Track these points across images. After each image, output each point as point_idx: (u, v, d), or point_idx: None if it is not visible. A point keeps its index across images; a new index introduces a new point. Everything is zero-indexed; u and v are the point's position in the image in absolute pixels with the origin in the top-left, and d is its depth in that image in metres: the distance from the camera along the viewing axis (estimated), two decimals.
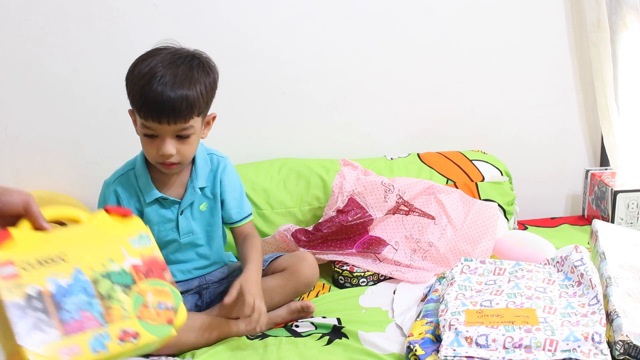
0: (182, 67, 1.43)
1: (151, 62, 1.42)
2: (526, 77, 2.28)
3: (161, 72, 1.40)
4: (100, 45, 1.97)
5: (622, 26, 2.17)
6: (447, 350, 1.31)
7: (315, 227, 1.85)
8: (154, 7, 1.98)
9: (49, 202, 1.94)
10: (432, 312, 1.50)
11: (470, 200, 1.94)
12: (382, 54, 2.16)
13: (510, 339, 1.30)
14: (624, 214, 2.14)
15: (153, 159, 1.48)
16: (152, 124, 1.42)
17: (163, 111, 1.40)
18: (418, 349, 1.35)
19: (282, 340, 1.49)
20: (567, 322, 1.36)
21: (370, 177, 1.93)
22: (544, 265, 1.64)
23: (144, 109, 1.41)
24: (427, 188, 1.95)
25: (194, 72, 1.45)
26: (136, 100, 1.42)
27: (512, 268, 1.61)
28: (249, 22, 2.04)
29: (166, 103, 1.39)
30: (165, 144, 1.44)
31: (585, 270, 1.51)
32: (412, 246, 1.86)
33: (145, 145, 1.47)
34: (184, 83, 1.42)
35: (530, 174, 2.34)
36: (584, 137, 2.38)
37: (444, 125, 2.27)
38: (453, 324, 1.36)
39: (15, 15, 1.91)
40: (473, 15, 2.19)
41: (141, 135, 1.47)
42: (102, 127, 2.04)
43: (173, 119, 1.41)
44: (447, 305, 1.46)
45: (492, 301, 1.46)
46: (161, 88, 1.39)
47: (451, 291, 1.53)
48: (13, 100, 1.98)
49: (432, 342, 1.37)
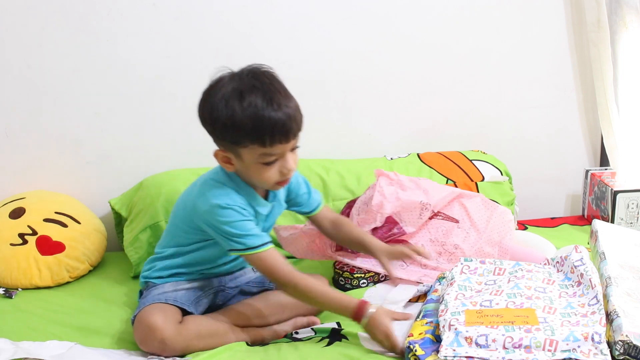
0: (272, 84, 1.41)
1: (242, 90, 1.38)
2: (526, 77, 2.28)
3: (266, 95, 1.37)
4: (100, 46, 1.97)
5: (622, 26, 2.17)
6: (447, 350, 1.31)
7: None
8: (154, 7, 1.98)
9: (48, 202, 1.94)
10: (431, 313, 1.50)
11: (492, 205, 1.94)
12: (382, 54, 2.16)
13: (510, 339, 1.30)
14: (624, 214, 2.14)
15: (273, 181, 1.45)
16: (277, 149, 1.40)
17: (290, 129, 1.39)
18: (418, 349, 1.35)
19: (282, 345, 1.49)
20: (567, 322, 1.36)
21: (408, 193, 1.90)
22: (544, 265, 1.63)
23: (271, 136, 1.37)
24: (456, 197, 1.95)
25: (281, 82, 1.44)
26: (258, 133, 1.37)
27: (512, 268, 1.60)
28: (249, 23, 2.04)
29: (291, 120, 1.39)
30: (288, 161, 1.43)
31: (585, 270, 1.51)
32: (438, 249, 1.84)
33: (264, 173, 1.43)
34: (287, 95, 1.42)
35: (530, 174, 2.34)
36: (583, 137, 2.38)
37: (443, 125, 2.27)
38: (453, 324, 1.36)
39: (15, 16, 1.91)
40: (473, 15, 2.19)
41: (257, 166, 1.42)
42: (102, 127, 2.04)
43: (298, 131, 1.42)
44: (447, 306, 1.45)
45: (492, 301, 1.46)
46: (280, 108, 1.37)
47: (451, 291, 1.53)
48: (13, 100, 1.98)
49: (431, 342, 1.37)
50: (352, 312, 1.43)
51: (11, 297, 1.74)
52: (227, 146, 1.43)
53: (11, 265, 1.78)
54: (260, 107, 1.36)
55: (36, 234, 1.83)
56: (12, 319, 1.62)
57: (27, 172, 2.03)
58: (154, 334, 1.42)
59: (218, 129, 1.42)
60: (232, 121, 1.37)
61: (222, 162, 1.47)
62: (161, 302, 1.49)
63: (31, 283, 1.79)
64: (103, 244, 1.95)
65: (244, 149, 1.40)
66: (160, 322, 1.43)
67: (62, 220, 1.88)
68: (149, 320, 1.44)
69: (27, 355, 1.38)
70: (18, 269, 1.78)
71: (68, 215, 1.90)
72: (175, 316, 1.48)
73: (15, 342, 1.46)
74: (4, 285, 1.79)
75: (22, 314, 1.66)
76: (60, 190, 2.04)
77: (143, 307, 1.49)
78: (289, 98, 1.42)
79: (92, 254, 1.89)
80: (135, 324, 1.48)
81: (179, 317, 1.48)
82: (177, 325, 1.45)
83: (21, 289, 1.79)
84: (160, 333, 1.42)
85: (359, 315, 1.42)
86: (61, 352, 1.42)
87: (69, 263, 1.83)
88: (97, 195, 2.06)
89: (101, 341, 1.53)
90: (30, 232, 1.83)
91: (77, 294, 1.78)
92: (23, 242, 1.81)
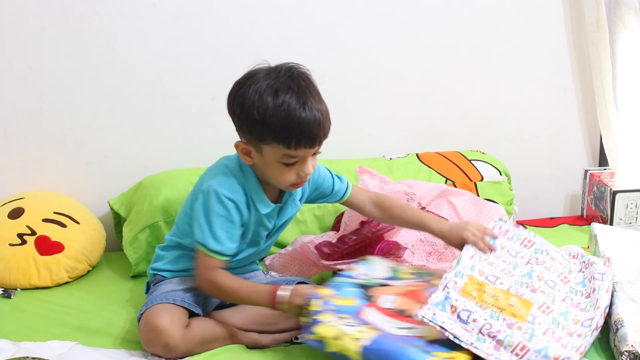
0: (307, 88, 1.40)
1: (278, 89, 1.37)
2: (525, 77, 2.28)
3: (300, 98, 1.37)
4: (100, 46, 1.97)
5: (621, 26, 2.17)
6: (428, 310, 1.31)
7: (340, 240, 1.81)
8: (154, 7, 1.98)
9: (47, 202, 1.94)
10: (338, 286, 1.44)
11: (481, 202, 1.93)
12: (381, 54, 2.16)
13: (488, 326, 1.29)
14: (623, 214, 2.14)
15: (289, 182, 1.45)
16: (300, 152, 1.39)
17: (317, 137, 1.39)
18: (314, 304, 1.33)
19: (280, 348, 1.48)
20: (552, 331, 1.32)
21: (391, 186, 1.91)
22: (572, 257, 1.58)
23: (297, 140, 1.37)
24: (441, 192, 1.95)
25: (315, 86, 1.43)
26: (285, 134, 1.36)
27: (541, 246, 1.56)
28: (249, 22, 2.04)
29: (320, 127, 1.38)
30: (308, 165, 1.43)
31: (600, 287, 1.45)
32: (428, 249, 1.84)
33: (282, 173, 1.43)
34: (319, 99, 1.41)
35: (529, 174, 2.34)
36: (583, 137, 2.38)
37: (443, 125, 2.27)
38: (449, 286, 1.35)
39: (15, 16, 1.91)
40: (472, 15, 2.19)
41: (276, 165, 1.42)
42: (101, 127, 2.04)
43: (324, 138, 1.41)
44: (458, 263, 1.43)
45: (498, 279, 1.43)
46: (311, 112, 1.37)
47: (470, 249, 1.50)
48: (12, 100, 1.97)
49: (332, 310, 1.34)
50: (267, 299, 1.43)
51: (10, 298, 1.73)
52: (250, 140, 1.43)
53: (10, 266, 1.78)
54: (293, 108, 1.35)
55: (35, 234, 1.82)
56: (11, 319, 1.62)
57: (26, 172, 2.03)
58: (158, 338, 1.41)
59: (246, 122, 1.41)
60: (262, 117, 1.36)
61: (241, 153, 1.47)
62: (169, 303, 1.47)
63: (30, 283, 1.79)
64: (102, 243, 1.95)
65: (268, 146, 1.40)
66: (166, 325, 1.41)
67: (61, 220, 1.88)
68: (155, 323, 1.42)
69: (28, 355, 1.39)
70: (17, 269, 1.78)
71: (67, 216, 1.90)
72: (182, 319, 1.45)
73: (15, 342, 1.47)
74: (3, 285, 1.79)
75: (21, 314, 1.65)
76: (59, 190, 2.03)
77: (151, 305, 1.47)
78: (321, 102, 1.41)
79: (91, 254, 1.89)
80: (141, 323, 1.46)
81: (185, 319, 1.46)
82: (182, 329, 1.43)
83: (20, 289, 1.78)
84: (165, 338, 1.40)
85: (272, 301, 1.42)
86: (62, 352, 1.42)
87: (68, 263, 1.82)
88: (96, 195, 2.06)
89: (101, 341, 1.52)
90: (29, 232, 1.82)
91: (76, 294, 1.78)
92: (22, 242, 1.81)
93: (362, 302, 1.39)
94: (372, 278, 1.50)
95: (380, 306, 1.38)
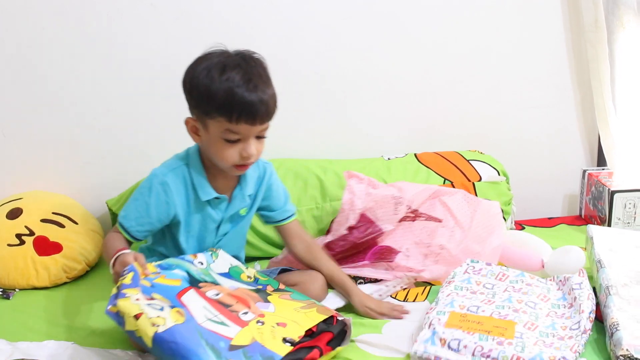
0: (256, 68, 1.45)
1: (226, 65, 1.42)
2: (524, 77, 2.28)
3: (246, 74, 1.41)
4: (98, 46, 1.97)
5: (619, 26, 2.17)
6: (419, 346, 1.36)
7: (327, 246, 1.82)
8: (152, 7, 1.98)
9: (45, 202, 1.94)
10: (168, 265, 1.45)
11: (474, 200, 1.93)
12: (380, 54, 2.16)
13: (480, 348, 1.33)
14: (621, 214, 2.14)
15: (232, 162, 1.48)
16: (241, 128, 1.43)
17: (258, 113, 1.42)
18: (127, 278, 1.31)
19: None
20: (542, 341, 1.36)
21: (379, 190, 1.91)
22: (548, 280, 1.64)
23: (237, 113, 1.41)
24: (433, 193, 1.94)
25: (266, 71, 1.48)
26: (226, 106, 1.41)
27: (515, 277, 1.62)
28: (248, 22, 2.04)
29: (262, 104, 1.42)
30: (250, 145, 1.46)
31: (580, 294, 1.51)
32: (424, 251, 1.83)
33: (224, 150, 1.46)
34: (267, 82, 1.46)
35: (528, 174, 2.34)
36: (581, 137, 2.38)
37: (441, 125, 2.27)
38: (434, 323, 1.41)
39: (14, 16, 1.91)
40: (471, 15, 2.19)
41: (219, 141, 1.45)
42: (99, 127, 2.04)
43: (266, 119, 1.45)
44: (437, 303, 1.49)
45: (479, 307, 1.48)
46: (255, 90, 1.41)
47: (446, 289, 1.57)
48: (10, 100, 1.98)
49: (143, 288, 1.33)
50: (111, 260, 1.45)
51: (9, 298, 1.74)
52: (198, 115, 1.48)
53: (8, 266, 1.78)
54: (237, 83, 1.40)
55: (33, 234, 1.83)
56: (10, 320, 1.62)
57: (24, 172, 2.03)
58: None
59: (194, 96, 1.46)
60: (208, 91, 1.42)
61: (190, 131, 1.51)
62: None
63: (28, 283, 1.79)
64: (100, 244, 1.95)
65: (212, 120, 1.44)
66: None
67: (60, 220, 1.88)
68: None
69: (24, 356, 1.39)
70: (15, 270, 1.78)
71: (65, 216, 1.90)
72: None
73: (12, 342, 1.47)
74: (1, 286, 1.79)
75: (20, 315, 1.65)
76: (58, 190, 2.04)
77: None
78: (268, 85, 1.46)
79: (90, 255, 1.89)
80: None
81: None
82: None
83: (18, 290, 1.79)
84: None
85: (114, 265, 1.43)
86: (58, 352, 1.43)
87: (66, 263, 1.83)
88: (95, 196, 2.06)
89: (98, 341, 1.52)
90: (27, 233, 1.83)
91: (75, 295, 1.78)
92: (20, 243, 1.81)
93: (187, 285, 1.39)
94: (206, 269, 1.50)
95: (205, 295, 1.39)
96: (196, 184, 1.53)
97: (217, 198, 1.55)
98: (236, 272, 1.57)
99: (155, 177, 1.53)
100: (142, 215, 1.53)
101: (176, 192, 1.52)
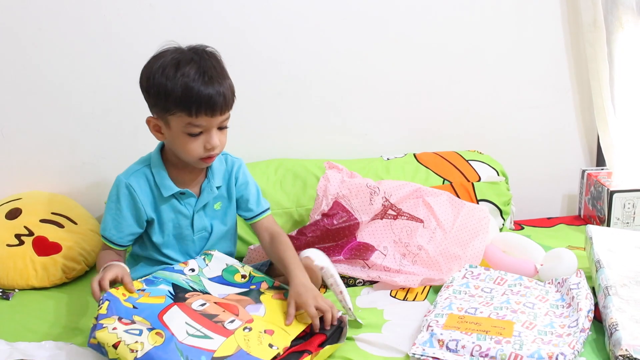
0: (209, 61, 1.48)
1: (180, 61, 1.45)
2: (522, 77, 2.28)
3: (201, 68, 1.44)
4: (96, 46, 1.97)
5: (618, 26, 2.17)
6: (417, 348, 1.36)
7: (300, 232, 1.83)
8: (150, 8, 1.98)
9: (45, 202, 1.94)
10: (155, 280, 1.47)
11: (459, 203, 1.93)
12: (378, 55, 2.16)
13: (478, 347, 1.34)
14: (620, 214, 2.14)
15: (197, 155, 1.50)
16: (202, 120, 1.45)
17: (216, 104, 1.44)
18: (103, 308, 1.32)
19: None
20: (540, 339, 1.37)
21: (354, 179, 1.92)
22: (546, 283, 1.64)
23: (196, 107, 1.43)
24: (414, 191, 1.94)
25: (220, 62, 1.51)
26: (185, 101, 1.43)
27: (514, 281, 1.63)
28: (246, 23, 2.05)
29: (219, 95, 1.44)
30: (213, 137, 1.48)
31: (577, 294, 1.52)
32: (402, 250, 1.84)
33: (188, 145, 1.48)
34: (222, 74, 1.48)
35: (527, 174, 2.34)
36: (580, 137, 2.38)
37: (440, 125, 2.27)
38: (432, 325, 1.41)
39: (13, 16, 1.91)
40: (469, 15, 2.19)
41: (182, 136, 1.48)
42: (98, 127, 2.04)
43: (225, 109, 1.47)
44: (435, 307, 1.50)
45: (477, 309, 1.49)
46: (211, 83, 1.44)
47: (444, 293, 1.58)
48: (9, 100, 1.98)
49: (125, 311, 1.34)
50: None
51: (8, 299, 1.74)
52: (158, 113, 1.50)
53: (7, 266, 1.78)
54: (192, 78, 1.43)
55: (32, 234, 1.83)
56: (9, 320, 1.62)
57: (23, 172, 2.03)
58: None
59: (152, 95, 1.49)
60: (165, 88, 1.44)
61: (153, 130, 1.54)
62: None
63: (27, 284, 1.79)
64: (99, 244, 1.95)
65: (173, 116, 1.46)
66: None
67: (59, 220, 1.88)
68: None
69: (23, 356, 1.39)
70: (14, 270, 1.78)
71: (64, 216, 1.90)
72: None
73: (11, 342, 1.47)
74: (0, 286, 1.79)
75: (19, 315, 1.65)
76: (57, 190, 2.04)
77: None
78: (224, 76, 1.49)
79: (89, 255, 1.89)
80: None
81: None
82: None
83: (17, 290, 1.79)
84: None
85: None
86: (57, 352, 1.43)
87: (66, 264, 1.83)
88: (94, 196, 2.06)
89: None
90: (26, 233, 1.83)
91: (74, 295, 1.78)
92: (19, 243, 1.81)
93: (170, 302, 1.40)
94: (197, 276, 1.52)
95: (190, 306, 1.40)
96: (158, 182, 1.56)
97: (182, 193, 1.58)
98: (231, 272, 1.58)
99: (119, 182, 1.57)
100: (118, 221, 1.56)
101: (141, 193, 1.56)
